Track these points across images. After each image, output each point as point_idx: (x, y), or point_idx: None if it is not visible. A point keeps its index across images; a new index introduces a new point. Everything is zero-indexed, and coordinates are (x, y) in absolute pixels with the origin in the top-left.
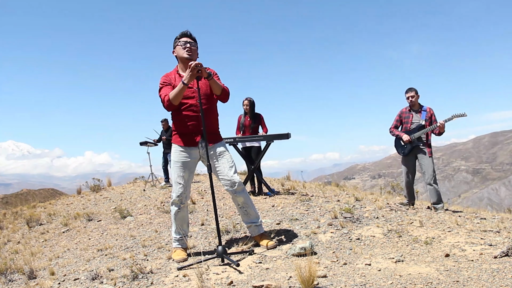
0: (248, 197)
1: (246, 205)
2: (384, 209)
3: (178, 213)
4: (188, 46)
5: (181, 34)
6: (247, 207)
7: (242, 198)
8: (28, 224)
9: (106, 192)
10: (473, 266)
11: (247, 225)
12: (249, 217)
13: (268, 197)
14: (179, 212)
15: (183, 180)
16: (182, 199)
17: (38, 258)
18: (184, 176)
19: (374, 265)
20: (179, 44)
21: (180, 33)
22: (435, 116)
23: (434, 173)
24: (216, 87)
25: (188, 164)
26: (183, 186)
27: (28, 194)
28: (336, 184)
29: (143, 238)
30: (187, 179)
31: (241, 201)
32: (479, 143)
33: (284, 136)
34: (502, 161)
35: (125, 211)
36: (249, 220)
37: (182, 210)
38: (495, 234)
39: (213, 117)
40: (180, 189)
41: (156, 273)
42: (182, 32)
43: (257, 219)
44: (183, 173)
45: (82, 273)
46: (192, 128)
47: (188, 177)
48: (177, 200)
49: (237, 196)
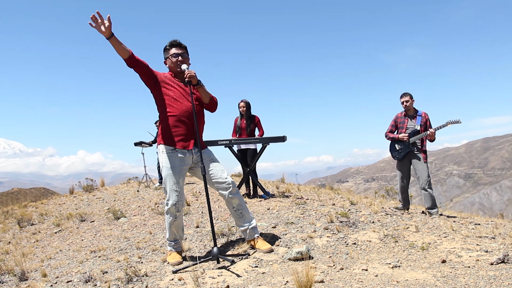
0: (242, 199)
1: (241, 207)
2: (380, 213)
3: (174, 222)
4: (181, 59)
5: (170, 44)
6: (242, 209)
7: (237, 200)
8: (19, 224)
9: (99, 192)
10: (470, 273)
11: (242, 229)
12: (244, 220)
13: (263, 199)
14: (175, 221)
15: (179, 187)
16: (178, 207)
17: (29, 259)
18: (180, 183)
19: (371, 270)
20: (169, 57)
21: (169, 42)
22: (430, 121)
23: (429, 178)
24: (204, 96)
25: (182, 170)
26: (179, 193)
27: (19, 193)
28: (330, 187)
29: (137, 240)
30: (182, 186)
31: (236, 204)
32: (471, 148)
33: (280, 139)
34: (494, 166)
35: (118, 212)
36: (244, 223)
37: (178, 218)
38: (491, 240)
39: (203, 122)
40: (176, 197)
41: (151, 276)
42: (171, 42)
43: (252, 221)
44: (178, 179)
45: (75, 275)
46: (186, 131)
47: (182, 183)
48: (174, 209)
49: (232, 198)
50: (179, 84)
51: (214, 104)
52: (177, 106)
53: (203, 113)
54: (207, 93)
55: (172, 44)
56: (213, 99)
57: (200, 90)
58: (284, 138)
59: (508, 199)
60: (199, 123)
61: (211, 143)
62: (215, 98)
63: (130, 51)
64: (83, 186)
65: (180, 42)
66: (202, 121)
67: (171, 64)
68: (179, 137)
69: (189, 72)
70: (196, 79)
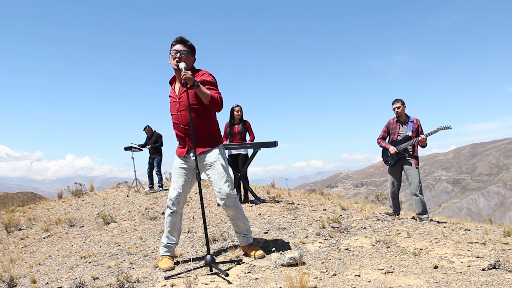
0: (238, 209)
1: (236, 218)
2: (371, 219)
3: (169, 216)
4: (179, 55)
5: (175, 40)
6: (237, 219)
7: (231, 212)
8: (6, 229)
9: (89, 197)
10: (462, 279)
11: (236, 235)
12: (238, 228)
13: (254, 205)
14: (170, 216)
15: (177, 185)
16: (174, 203)
17: (17, 265)
18: (178, 182)
19: (363, 276)
20: (171, 53)
21: (175, 38)
22: (422, 127)
23: (420, 184)
24: (202, 97)
25: (182, 171)
26: (175, 190)
27: (5, 197)
28: (320, 192)
29: (128, 245)
30: (182, 185)
31: (231, 214)
32: (459, 154)
33: (272, 144)
34: (481, 172)
35: (108, 217)
36: (238, 231)
37: (175, 216)
38: (481, 246)
39: (203, 126)
40: (173, 193)
41: (143, 282)
42: (176, 38)
43: (246, 232)
44: (177, 178)
45: (65, 281)
46: (181, 137)
47: (184, 184)
48: (170, 203)
49: (226, 210)
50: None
51: (215, 103)
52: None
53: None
54: (204, 94)
55: (177, 40)
56: (214, 98)
57: (198, 91)
58: (275, 143)
59: (496, 205)
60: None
61: None
62: (216, 95)
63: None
64: (72, 191)
65: (184, 39)
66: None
67: (170, 60)
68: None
69: (185, 74)
70: (192, 81)
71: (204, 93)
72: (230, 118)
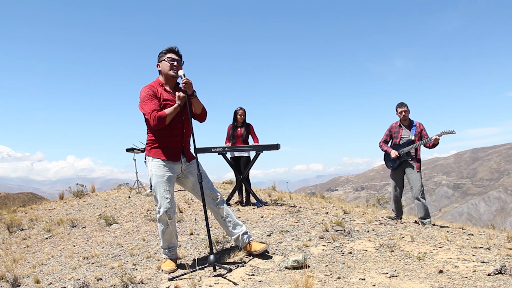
0: (227, 207)
1: (229, 215)
2: (374, 222)
3: (166, 229)
4: (176, 64)
5: (168, 49)
6: (230, 217)
7: (224, 210)
8: (8, 229)
9: (90, 198)
10: (467, 283)
11: (234, 237)
12: (235, 227)
13: (256, 207)
14: (167, 229)
15: (169, 194)
16: (170, 215)
17: (20, 265)
18: (170, 190)
19: (368, 280)
20: (165, 60)
21: (167, 47)
22: (426, 131)
23: (422, 188)
24: (197, 106)
25: (172, 178)
26: (170, 200)
27: (6, 197)
28: (321, 196)
29: (131, 246)
30: (172, 193)
31: (225, 213)
32: (460, 159)
33: (274, 147)
34: (482, 177)
35: (110, 218)
36: (234, 230)
37: (171, 225)
38: (486, 251)
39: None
40: (168, 204)
41: (147, 284)
42: (169, 47)
43: (242, 227)
44: (169, 187)
45: (68, 281)
46: (177, 143)
47: (172, 191)
48: (165, 216)
49: (220, 208)
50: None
51: (205, 114)
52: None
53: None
54: (200, 104)
55: (171, 49)
56: (205, 110)
57: (194, 101)
58: (277, 146)
59: (496, 210)
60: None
61: (204, 150)
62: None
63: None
64: (73, 192)
65: (178, 50)
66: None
67: (165, 67)
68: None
69: (186, 80)
70: (192, 89)
71: (199, 103)
72: (233, 121)
